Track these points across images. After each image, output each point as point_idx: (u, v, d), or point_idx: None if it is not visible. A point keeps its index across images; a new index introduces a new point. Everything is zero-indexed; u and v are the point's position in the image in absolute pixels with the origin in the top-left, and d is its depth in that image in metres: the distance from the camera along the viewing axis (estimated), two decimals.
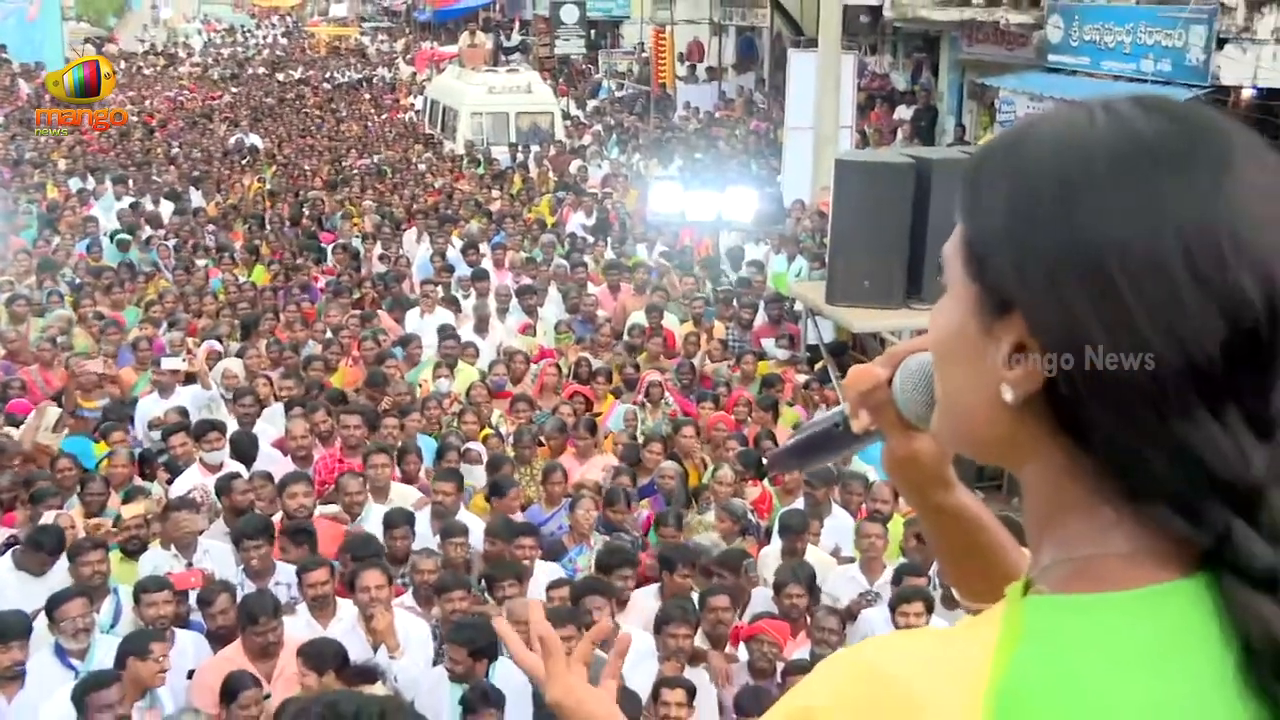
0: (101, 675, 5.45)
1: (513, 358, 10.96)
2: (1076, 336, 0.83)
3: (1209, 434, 0.80)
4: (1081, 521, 0.86)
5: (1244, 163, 0.83)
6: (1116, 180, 0.83)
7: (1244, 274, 0.80)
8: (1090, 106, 0.88)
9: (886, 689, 0.82)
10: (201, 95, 33.58)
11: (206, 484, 8.08)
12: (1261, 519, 0.80)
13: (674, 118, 28.38)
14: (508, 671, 5.94)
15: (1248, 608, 0.78)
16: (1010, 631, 0.82)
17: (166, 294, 13.36)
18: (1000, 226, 0.88)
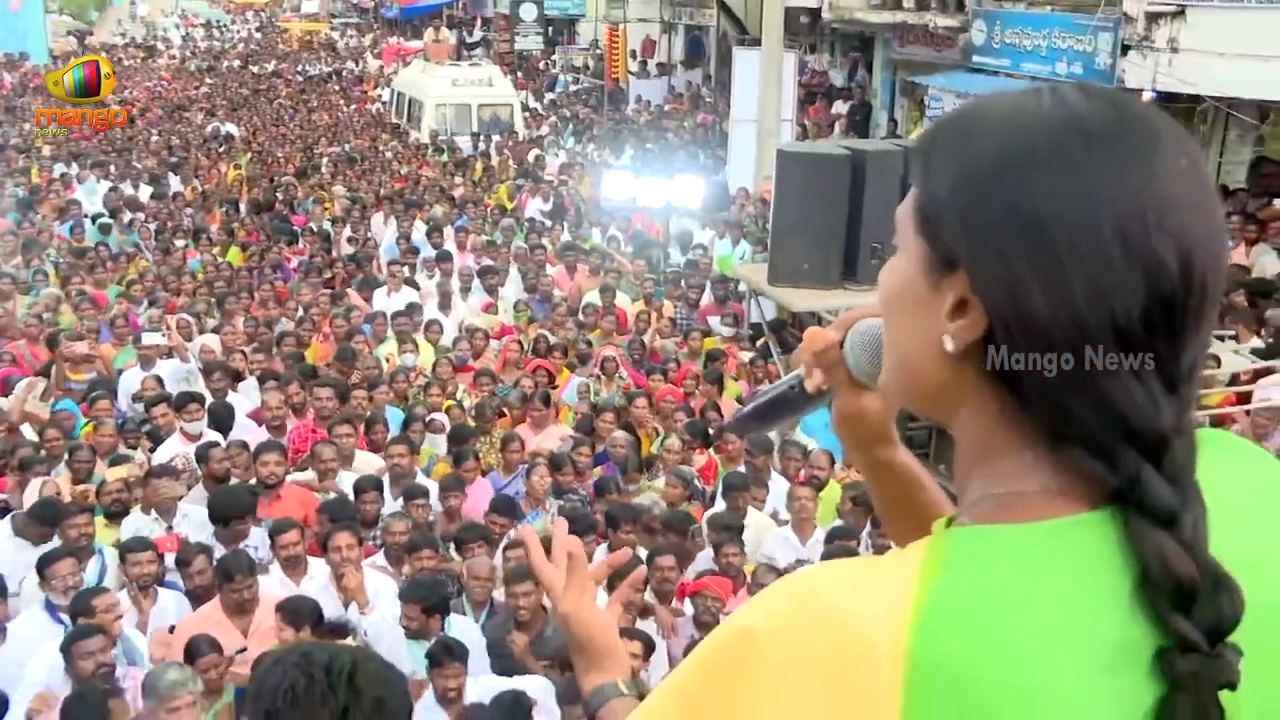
0: (85, 628, 5.42)
1: (474, 334, 10.92)
2: (1014, 293, 0.85)
3: (1126, 387, 0.84)
4: (1006, 462, 0.89)
5: (1169, 147, 0.87)
6: (1057, 155, 0.86)
7: (1164, 244, 0.83)
8: (1039, 90, 0.91)
9: (821, 612, 0.83)
10: (179, 86, 33.06)
11: (187, 452, 8.00)
12: (1165, 464, 0.83)
13: (626, 110, 28.27)
14: (462, 627, 5.94)
15: (1148, 542, 0.81)
16: (934, 558, 0.84)
17: (147, 273, 13.21)
18: (950, 192, 0.90)
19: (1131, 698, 0.79)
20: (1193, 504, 0.82)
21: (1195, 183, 0.87)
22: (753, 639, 0.85)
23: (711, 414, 9.17)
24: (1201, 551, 0.81)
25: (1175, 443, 0.84)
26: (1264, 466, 0.97)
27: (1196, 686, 0.78)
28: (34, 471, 7.71)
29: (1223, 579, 0.80)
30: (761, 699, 0.82)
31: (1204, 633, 0.79)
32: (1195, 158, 0.88)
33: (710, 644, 0.89)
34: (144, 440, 8.32)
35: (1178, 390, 0.85)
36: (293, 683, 1.59)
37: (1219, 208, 0.89)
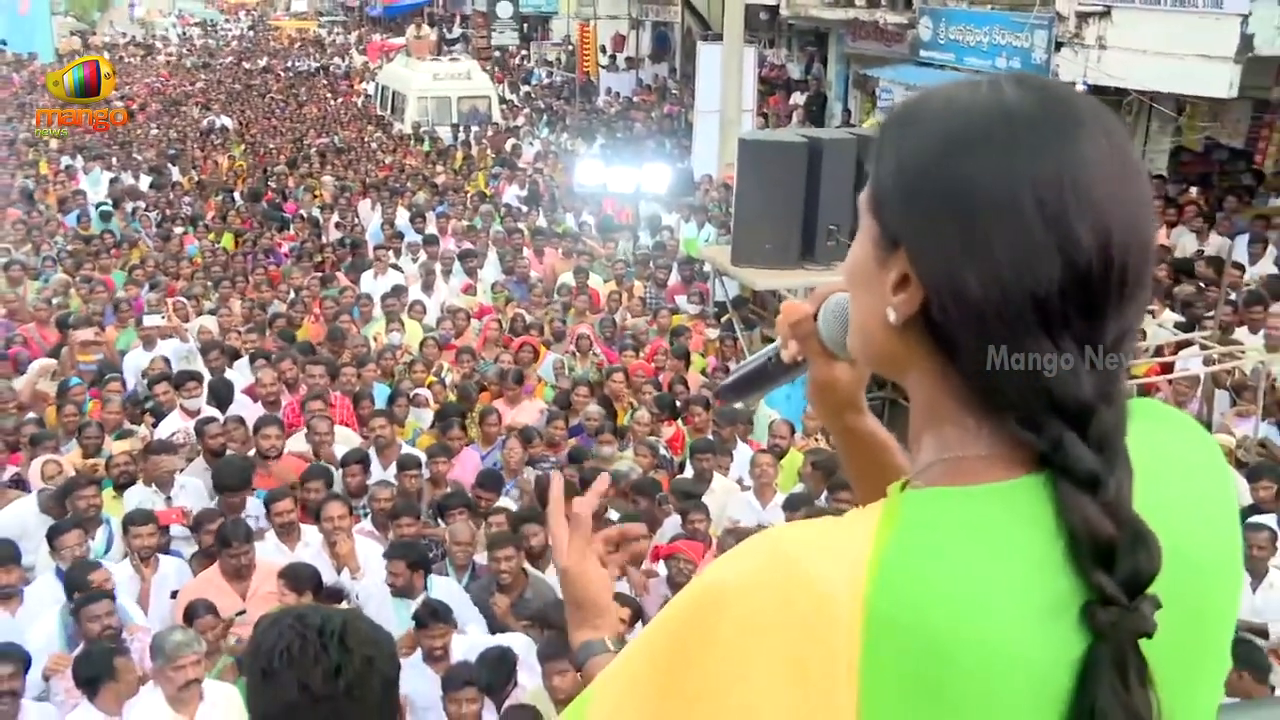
0: (92, 594, 5.41)
1: (456, 314, 10.87)
2: (944, 268, 0.86)
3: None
4: (951, 427, 0.90)
5: (1092, 130, 0.86)
6: (984, 139, 0.86)
7: (1081, 222, 0.83)
8: (978, 81, 0.92)
9: (786, 568, 0.84)
10: (176, 82, 32.60)
11: (187, 427, 7.93)
12: (1091, 431, 0.84)
13: (597, 102, 28.13)
14: (445, 587, 5.92)
15: (1072, 504, 0.82)
16: (889, 518, 0.85)
17: (147, 259, 13.08)
18: (892, 176, 0.92)
19: (1063, 647, 0.81)
20: (1117, 468, 0.83)
21: (1118, 164, 0.86)
22: (721, 594, 0.85)
23: (679, 388, 9.16)
24: (1124, 512, 0.82)
25: (1101, 411, 0.84)
26: (1189, 433, 0.98)
27: (1116, 636, 0.80)
28: (44, 447, 7.66)
29: (1142, 537, 0.81)
30: (730, 650, 0.83)
31: (1123, 586, 0.80)
32: (1120, 141, 0.88)
33: (681, 600, 0.89)
34: (147, 416, 8.25)
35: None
36: (288, 643, 1.59)
37: (1145, 189, 0.89)
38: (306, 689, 1.56)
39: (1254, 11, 11.74)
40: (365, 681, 1.59)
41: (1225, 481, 0.97)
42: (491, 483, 7.16)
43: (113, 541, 6.54)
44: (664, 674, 0.86)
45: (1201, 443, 0.98)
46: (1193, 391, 8.55)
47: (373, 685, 1.60)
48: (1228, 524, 0.94)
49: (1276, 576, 6.14)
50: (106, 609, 5.30)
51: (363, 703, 1.59)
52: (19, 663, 4.96)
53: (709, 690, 0.83)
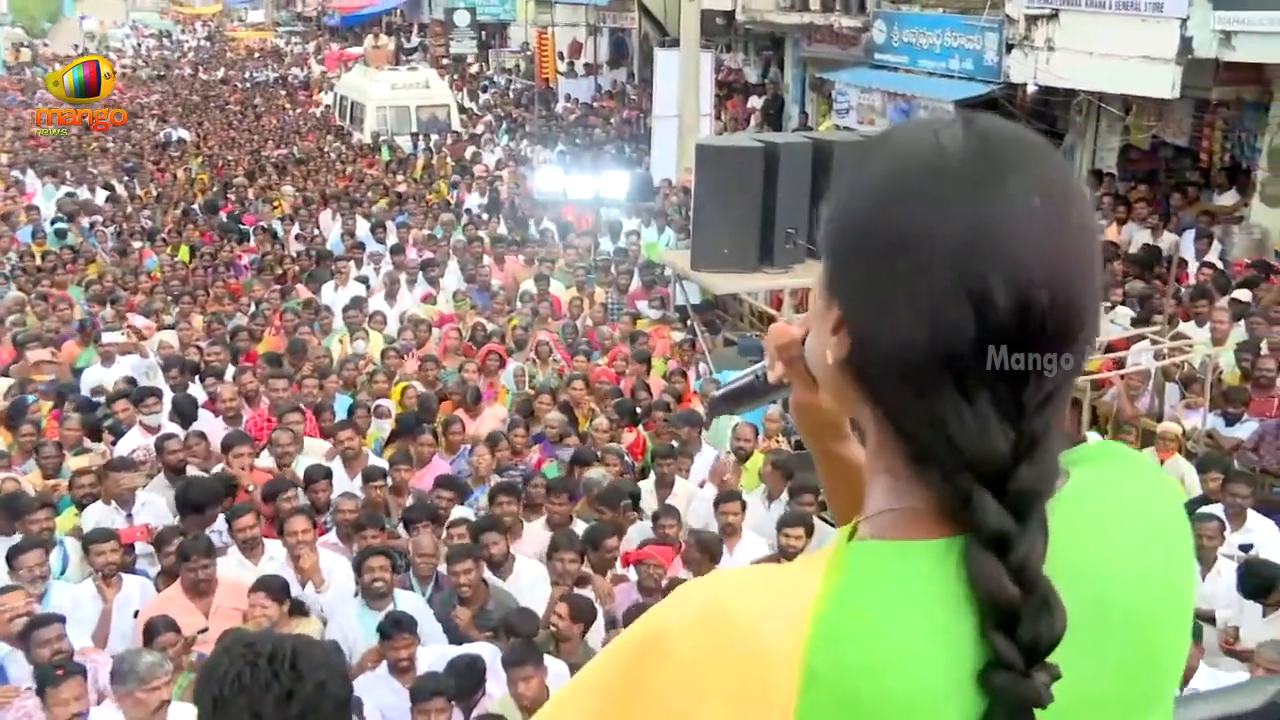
0: (40, 618, 5.29)
1: (418, 325, 10.83)
2: (863, 317, 0.86)
3: (955, 410, 0.82)
4: (894, 477, 0.88)
5: (1024, 181, 0.83)
6: (908, 189, 0.85)
7: (996, 277, 0.81)
8: (931, 122, 0.89)
9: (727, 617, 0.83)
10: (132, 95, 32.22)
11: (148, 444, 7.85)
12: (1008, 490, 0.81)
13: (556, 108, 28.10)
14: (409, 601, 5.90)
15: (975, 565, 0.80)
16: (833, 571, 0.84)
17: (105, 274, 12.92)
18: (831, 220, 0.91)
19: (969, 712, 0.80)
20: (1030, 529, 0.81)
21: (1051, 217, 0.83)
22: (662, 639, 0.84)
23: (641, 393, 9.17)
24: (1031, 575, 0.79)
25: (1020, 470, 0.81)
26: (1147, 478, 0.97)
27: (1008, 702, 0.79)
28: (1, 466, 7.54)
29: (1047, 603, 0.79)
30: (668, 696, 0.82)
31: (1022, 653, 0.78)
32: (1059, 192, 0.84)
33: (622, 643, 0.89)
34: (106, 434, 8.16)
35: (1022, 420, 0.83)
36: (239, 671, 1.59)
37: (1082, 242, 0.85)
38: (258, 716, 1.57)
39: (1191, 16, 11.96)
40: (318, 707, 1.60)
41: (1180, 530, 0.95)
42: (451, 485, 7.14)
43: (68, 562, 6.45)
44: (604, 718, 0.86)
45: (1159, 488, 0.96)
46: (1144, 385, 8.69)
47: (325, 710, 1.61)
48: (1179, 574, 0.93)
49: (1224, 565, 6.25)
50: (56, 633, 5.16)
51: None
52: None
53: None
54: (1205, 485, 7.02)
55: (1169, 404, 8.70)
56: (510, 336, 10.73)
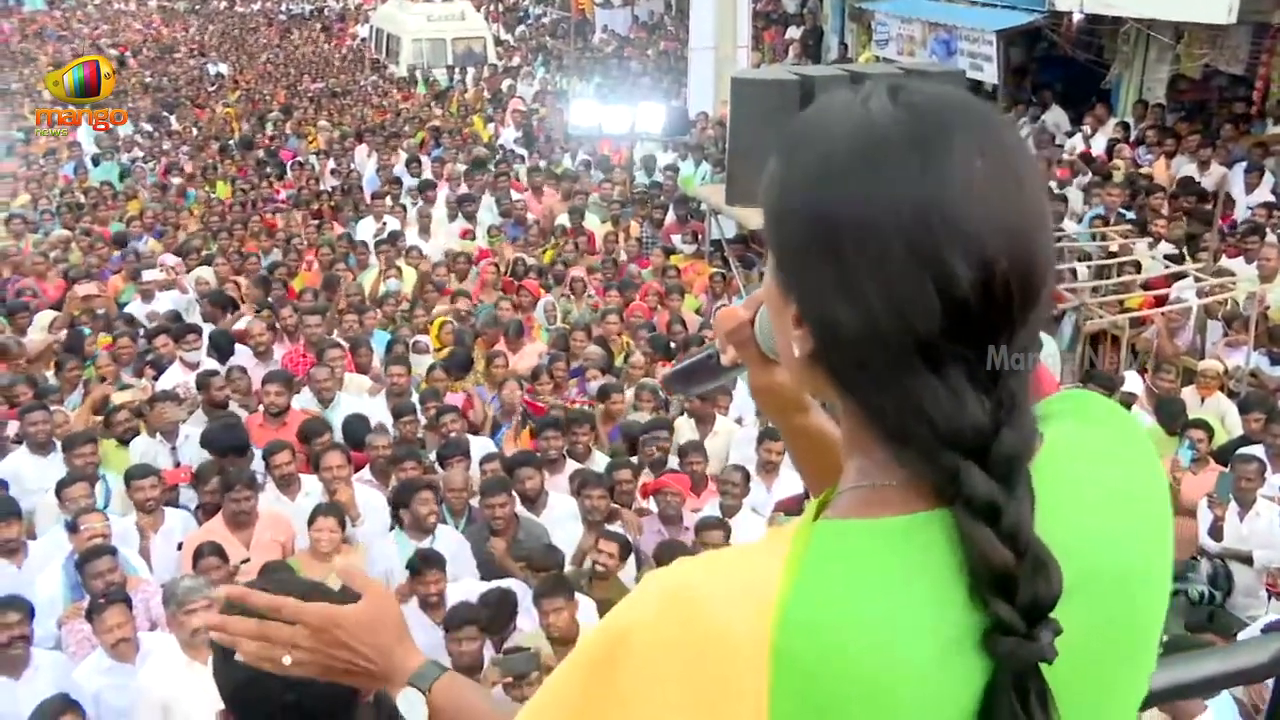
0: (94, 549, 5.43)
1: (455, 259, 10.83)
2: (822, 307, 0.83)
3: (932, 390, 0.80)
4: (867, 456, 0.87)
5: (964, 146, 0.80)
6: (848, 168, 0.81)
7: (954, 251, 0.78)
8: (856, 97, 0.86)
9: (689, 608, 0.81)
10: (169, 30, 32.15)
11: (187, 380, 7.94)
12: (991, 458, 0.80)
13: (593, 40, 27.76)
14: (448, 534, 5.98)
15: (969, 535, 0.79)
16: (798, 552, 0.82)
17: (146, 210, 13.00)
18: (768, 210, 0.88)
19: (967, 678, 0.79)
20: (1018, 494, 0.80)
21: (996, 181, 0.80)
22: (626, 636, 0.83)
23: (676, 328, 9.15)
24: (1024, 539, 0.79)
25: (1001, 435, 0.80)
26: (1120, 429, 0.95)
27: (1015, 664, 0.78)
28: (50, 400, 7.66)
29: (1042, 563, 0.79)
30: (637, 692, 0.81)
31: (1022, 614, 0.78)
32: (1001, 152, 0.82)
33: (586, 644, 0.87)
34: (148, 369, 8.26)
35: (996, 386, 0.81)
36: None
37: (1032, 200, 0.83)
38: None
39: None
40: None
41: (1156, 481, 0.94)
42: (450, 410, 7.22)
43: (110, 496, 6.57)
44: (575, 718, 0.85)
45: (1132, 439, 0.95)
46: (1185, 321, 8.54)
47: None
48: (1157, 527, 0.92)
49: (1264, 506, 6.17)
50: (109, 565, 5.32)
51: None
52: (24, 611, 5.01)
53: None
54: (1247, 425, 6.91)
55: (1211, 341, 8.55)
56: (550, 273, 10.72)
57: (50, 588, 5.60)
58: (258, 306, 9.19)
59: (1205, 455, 6.64)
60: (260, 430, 7.07)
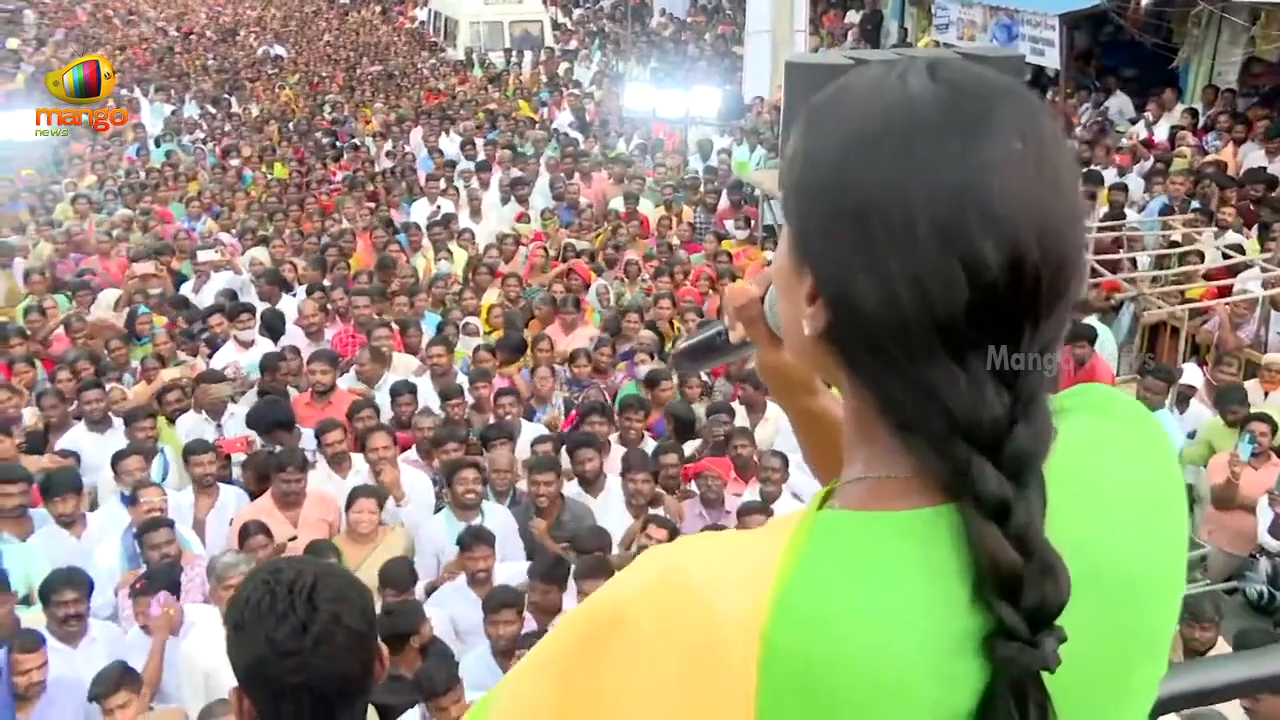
0: (152, 521, 5.58)
1: (504, 241, 10.88)
2: (842, 283, 0.80)
3: (951, 378, 0.77)
4: (874, 445, 0.84)
5: (1003, 130, 0.78)
6: (879, 146, 0.79)
7: (985, 236, 0.76)
8: (890, 71, 0.83)
9: (686, 590, 0.80)
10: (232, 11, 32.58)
11: (239, 359, 8.07)
12: (1004, 454, 0.77)
13: (651, 23, 27.66)
14: (495, 512, 6.02)
15: (977, 534, 0.77)
16: (798, 541, 0.80)
17: (204, 191, 13.21)
18: (795, 184, 0.85)
19: (965, 682, 0.76)
20: (1030, 493, 0.77)
21: (1034, 166, 0.78)
22: (620, 610, 0.82)
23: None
24: (1033, 540, 0.76)
25: (1016, 432, 0.78)
26: (1137, 426, 0.92)
27: (1015, 670, 0.76)
28: (108, 378, 7.83)
29: (1050, 567, 0.76)
30: (627, 668, 0.80)
31: (1026, 619, 0.75)
32: (1040, 137, 0.79)
33: (580, 613, 0.86)
34: (202, 347, 8.40)
35: (1017, 380, 0.79)
36: (259, 598, 1.62)
37: (1068, 190, 0.80)
38: (273, 643, 1.60)
39: None
40: (332, 637, 1.62)
41: (1173, 481, 0.91)
42: (507, 391, 7.27)
43: (168, 470, 6.70)
44: (560, 693, 0.84)
45: (1150, 437, 0.92)
46: (1250, 313, 8.34)
47: (339, 641, 1.62)
48: (1170, 529, 0.88)
49: None
50: (166, 537, 5.47)
51: (331, 657, 1.62)
52: (83, 587, 5.15)
53: (603, 710, 0.81)
54: None
55: (1275, 333, 8.34)
56: (601, 256, 10.73)
57: (108, 558, 5.74)
58: (310, 287, 9.30)
59: (1267, 450, 6.48)
60: (306, 409, 7.17)
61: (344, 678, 1.62)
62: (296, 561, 1.75)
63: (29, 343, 8.62)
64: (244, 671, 1.64)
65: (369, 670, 1.67)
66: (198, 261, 10.02)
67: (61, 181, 14.24)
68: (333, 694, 1.62)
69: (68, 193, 13.37)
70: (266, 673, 1.61)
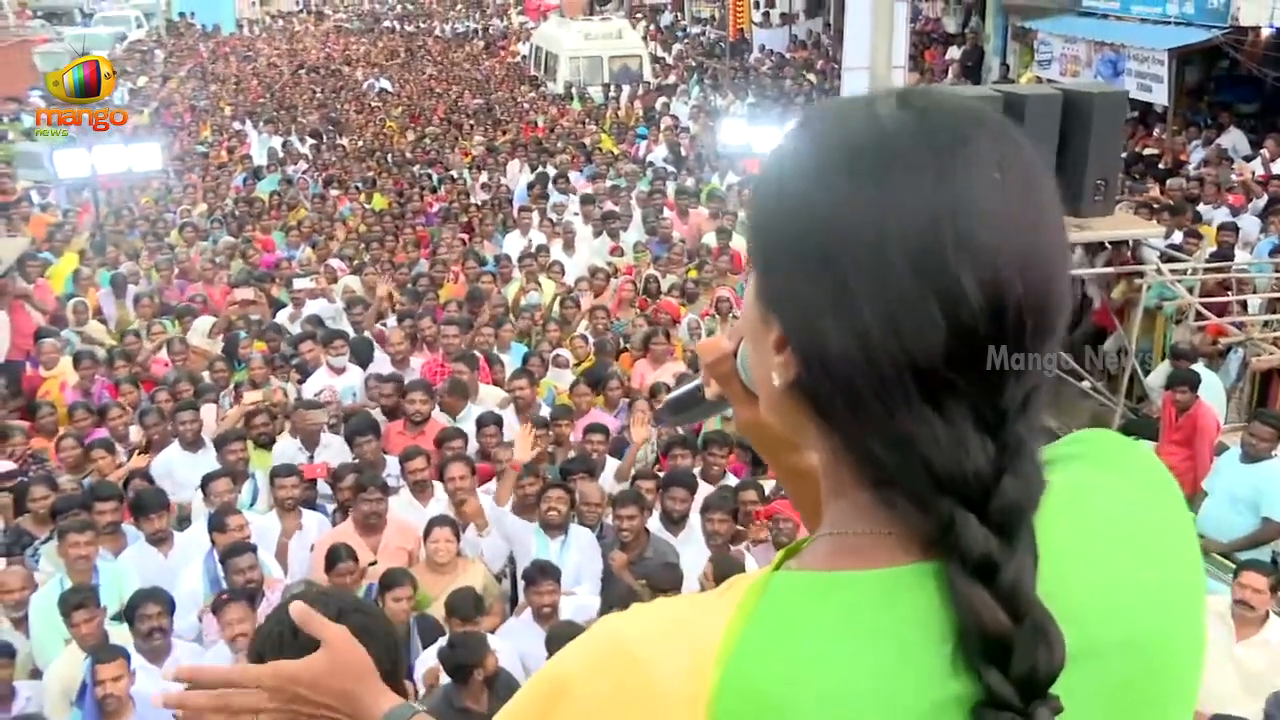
0: (236, 546, 5.69)
1: (595, 274, 10.93)
2: (810, 328, 0.75)
3: (930, 427, 0.72)
4: (846, 500, 0.79)
5: (980, 157, 0.73)
6: (848, 177, 0.74)
7: (964, 270, 0.70)
8: (858, 102, 0.78)
9: (627, 661, 0.76)
10: (341, 46, 33.59)
11: (333, 384, 8.21)
12: (990, 509, 0.71)
13: (749, 59, 27.73)
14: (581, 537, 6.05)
15: (962, 594, 0.71)
16: (749, 605, 0.75)
17: (305, 220, 13.57)
18: (758, 217, 0.80)
19: None
20: (1019, 551, 0.71)
21: (1014, 196, 0.73)
22: (564, 686, 0.79)
23: None
24: (1023, 602, 0.70)
25: (1003, 485, 0.72)
26: (1146, 476, 0.85)
27: None
28: (204, 399, 8.05)
29: (1043, 631, 0.70)
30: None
31: (1017, 687, 0.69)
32: (1019, 166, 0.74)
33: (526, 691, 0.84)
34: (293, 373, 8.58)
35: (1003, 428, 0.73)
36: (280, 630, 1.61)
37: (1052, 226, 0.75)
38: None
39: None
40: None
41: (1183, 531, 0.83)
42: (597, 429, 7.28)
43: (258, 495, 6.84)
44: None
45: (1156, 484, 0.85)
46: None
47: None
48: (1183, 584, 0.81)
49: None
50: (250, 562, 5.58)
51: None
52: (163, 604, 5.29)
53: None
54: None
55: None
56: (687, 292, 10.70)
57: (192, 581, 5.88)
58: (399, 316, 9.45)
59: None
60: (399, 438, 7.27)
61: None
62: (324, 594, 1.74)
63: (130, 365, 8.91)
64: None
65: None
66: (294, 289, 10.26)
67: (175, 210, 14.78)
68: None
69: (181, 219, 13.87)
70: None
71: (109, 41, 30.58)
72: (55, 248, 12.34)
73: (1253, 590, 5.03)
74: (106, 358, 9.11)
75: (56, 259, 11.97)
